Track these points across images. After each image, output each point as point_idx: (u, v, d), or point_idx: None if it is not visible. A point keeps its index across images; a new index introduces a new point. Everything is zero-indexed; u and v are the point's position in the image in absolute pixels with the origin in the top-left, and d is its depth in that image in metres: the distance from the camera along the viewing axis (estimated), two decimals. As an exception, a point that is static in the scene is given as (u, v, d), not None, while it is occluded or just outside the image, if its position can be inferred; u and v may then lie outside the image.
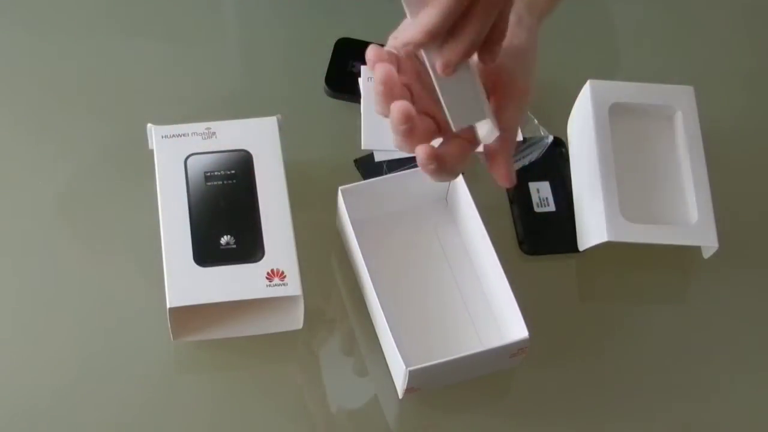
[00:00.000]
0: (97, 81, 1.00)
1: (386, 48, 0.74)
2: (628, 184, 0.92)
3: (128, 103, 0.98)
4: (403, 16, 0.70)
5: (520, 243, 0.94)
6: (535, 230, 0.94)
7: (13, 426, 0.84)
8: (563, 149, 0.98)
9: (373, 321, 0.88)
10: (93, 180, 0.95)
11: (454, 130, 0.73)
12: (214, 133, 0.90)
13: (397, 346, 0.81)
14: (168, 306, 0.82)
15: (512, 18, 0.75)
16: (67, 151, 0.96)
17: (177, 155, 0.89)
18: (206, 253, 0.85)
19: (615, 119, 0.94)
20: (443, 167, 0.73)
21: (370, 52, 0.73)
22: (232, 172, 0.89)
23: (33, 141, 0.97)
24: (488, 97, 0.75)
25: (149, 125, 0.91)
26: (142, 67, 1.01)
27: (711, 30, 1.09)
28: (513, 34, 0.77)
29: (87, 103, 0.99)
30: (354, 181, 0.90)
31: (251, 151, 0.90)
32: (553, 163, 0.97)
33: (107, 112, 0.98)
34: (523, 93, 0.77)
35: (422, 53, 0.72)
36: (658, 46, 1.08)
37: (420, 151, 0.72)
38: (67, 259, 0.91)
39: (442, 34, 0.69)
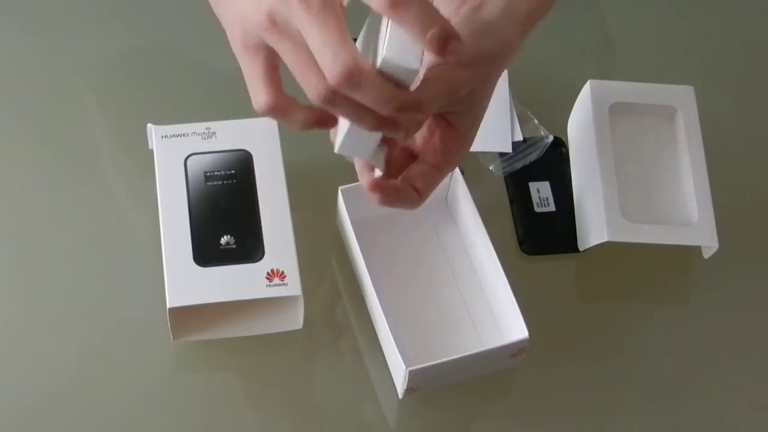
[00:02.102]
0: (97, 80, 1.00)
1: None
2: (628, 184, 0.92)
3: (128, 103, 0.98)
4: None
5: (520, 243, 0.94)
6: (535, 230, 0.94)
7: (12, 426, 0.84)
8: (563, 149, 0.98)
9: (373, 321, 0.88)
10: (93, 180, 0.95)
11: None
12: (214, 133, 0.90)
13: (397, 346, 0.81)
14: (168, 306, 0.82)
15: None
16: (67, 150, 0.96)
17: (177, 155, 0.89)
18: (206, 253, 0.85)
19: (615, 119, 0.94)
20: (390, 195, 0.73)
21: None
22: (232, 172, 0.89)
23: (32, 141, 0.96)
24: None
25: (149, 125, 0.91)
26: (142, 67, 1.01)
27: (711, 30, 1.09)
28: None
29: (87, 102, 0.99)
30: (354, 181, 0.90)
31: (251, 151, 0.90)
32: (553, 163, 0.97)
33: (107, 112, 0.98)
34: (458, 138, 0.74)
35: None
36: (658, 46, 1.08)
37: (364, 183, 0.72)
38: (67, 258, 0.91)
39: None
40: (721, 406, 0.89)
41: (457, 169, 0.90)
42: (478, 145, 0.96)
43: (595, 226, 0.90)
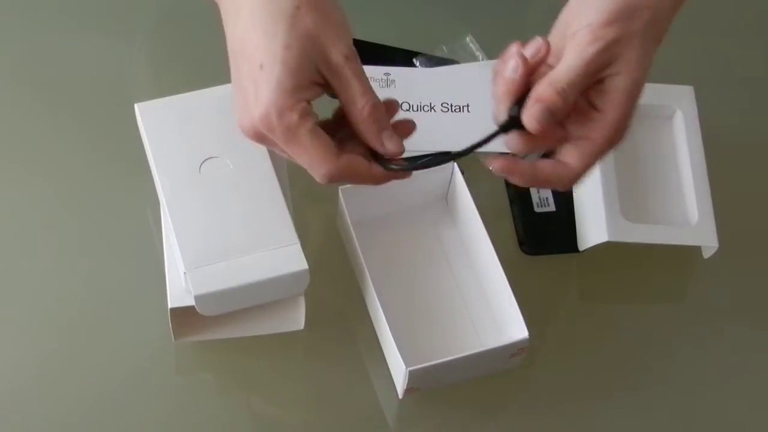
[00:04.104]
0: (96, 81, 1.00)
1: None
2: (628, 184, 0.92)
3: (128, 103, 0.98)
4: (399, 16, 0.70)
5: (520, 243, 0.94)
6: (535, 230, 0.94)
7: (12, 425, 0.84)
8: (563, 149, 0.98)
9: (373, 321, 0.88)
10: (93, 179, 0.95)
11: None
12: (214, 134, 0.90)
13: (397, 346, 0.81)
14: (169, 306, 0.82)
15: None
16: (67, 150, 0.96)
17: (177, 155, 0.89)
18: (206, 253, 0.85)
19: (615, 119, 0.93)
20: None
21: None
22: (233, 172, 0.89)
23: (31, 140, 0.96)
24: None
25: (149, 125, 0.91)
26: (142, 67, 1.01)
27: (711, 30, 1.09)
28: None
29: (86, 102, 0.99)
30: (353, 181, 0.90)
31: (251, 152, 0.89)
32: (553, 163, 0.97)
33: (107, 112, 0.98)
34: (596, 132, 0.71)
35: None
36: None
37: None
38: (67, 259, 0.91)
39: None
40: (721, 406, 0.89)
41: (457, 169, 0.90)
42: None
43: (595, 226, 0.90)
